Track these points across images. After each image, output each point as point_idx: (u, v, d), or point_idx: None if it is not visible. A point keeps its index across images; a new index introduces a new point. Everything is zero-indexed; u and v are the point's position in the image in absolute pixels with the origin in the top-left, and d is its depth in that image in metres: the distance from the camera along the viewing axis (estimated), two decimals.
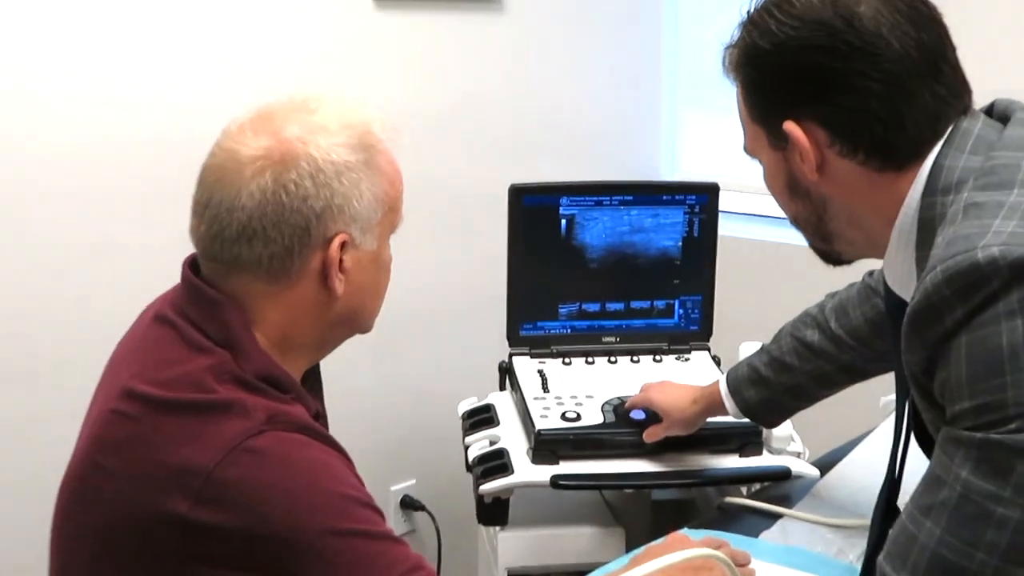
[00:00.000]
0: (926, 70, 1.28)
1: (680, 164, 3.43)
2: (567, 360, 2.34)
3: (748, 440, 2.06)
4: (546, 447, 2.05)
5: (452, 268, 2.93)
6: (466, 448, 2.18)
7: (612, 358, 2.34)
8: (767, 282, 3.08)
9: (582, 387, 2.22)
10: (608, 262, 2.34)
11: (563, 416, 2.10)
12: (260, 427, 1.29)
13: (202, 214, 1.37)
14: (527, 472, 2.03)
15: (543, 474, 2.02)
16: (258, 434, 1.28)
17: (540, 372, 2.28)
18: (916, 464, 1.37)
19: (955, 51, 1.31)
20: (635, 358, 2.35)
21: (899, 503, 1.49)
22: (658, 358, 2.35)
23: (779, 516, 1.86)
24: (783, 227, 3.03)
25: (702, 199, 2.33)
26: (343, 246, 1.38)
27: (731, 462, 2.05)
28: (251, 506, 1.25)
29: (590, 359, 2.34)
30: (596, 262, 2.34)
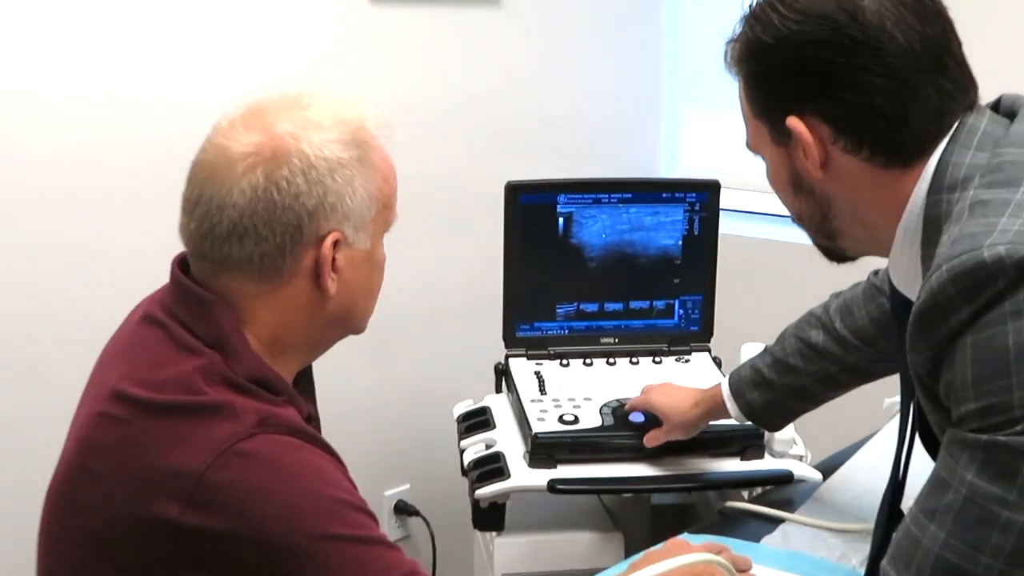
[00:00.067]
0: (931, 65, 1.28)
1: (680, 161, 3.43)
2: (565, 361, 2.34)
3: (749, 443, 2.06)
4: (543, 451, 2.05)
5: (447, 267, 2.93)
6: (461, 452, 2.18)
7: (611, 359, 2.34)
8: (769, 282, 3.08)
9: (580, 389, 2.22)
10: (607, 261, 2.34)
11: (560, 419, 2.10)
12: (251, 430, 1.29)
13: (192, 211, 1.37)
14: (524, 476, 2.03)
15: (540, 478, 2.02)
16: (249, 437, 1.28)
17: (537, 374, 2.28)
18: (920, 467, 1.37)
19: (960, 46, 1.32)
20: (634, 359, 2.35)
21: (903, 506, 1.49)
22: (658, 359, 2.35)
23: (781, 520, 1.87)
24: (785, 225, 3.03)
25: (703, 197, 2.34)
26: (336, 245, 1.38)
27: (732, 466, 2.05)
28: (242, 510, 1.25)
29: (588, 360, 2.34)
30: (594, 261, 2.34)
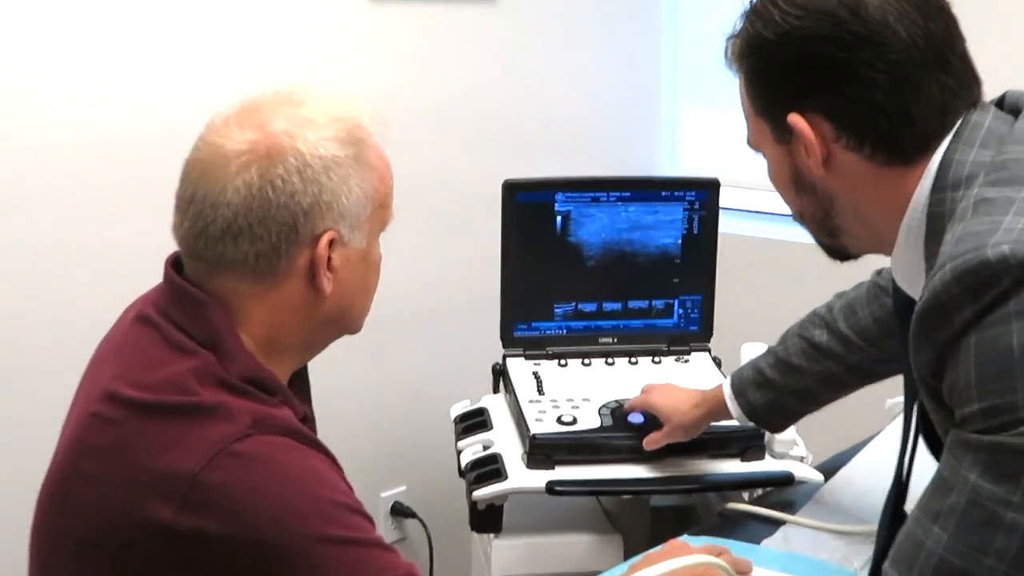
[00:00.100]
0: (933, 61, 1.28)
1: (679, 160, 3.43)
2: (563, 362, 2.33)
3: (750, 444, 2.06)
4: (541, 452, 2.05)
5: (444, 267, 2.93)
6: (459, 453, 2.18)
7: (609, 359, 2.34)
8: (769, 281, 3.08)
9: (578, 390, 2.22)
10: (605, 260, 2.34)
11: (559, 420, 2.10)
12: (245, 431, 1.28)
13: (185, 210, 1.37)
14: (522, 478, 2.03)
15: (538, 480, 2.02)
16: (243, 438, 1.28)
17: (535, 374, 2.28)
18: (924, 468, 1.37)
19: (964, 41, 1.32)
20: (633, 359, 2.35)
21: (907, 508, 1.49)
22: (657, 359, 2.35)
23: (782, 522, 1.87)
24: (786, 224, 3.04)
25: (702, 195, 2.33)
26: (331, 244, 1.37)
27: (732, 467, 2.05)
28: (237, 512, 1.25)
29: (587, 360, 2.34)
30: (593, 260, 2.34)
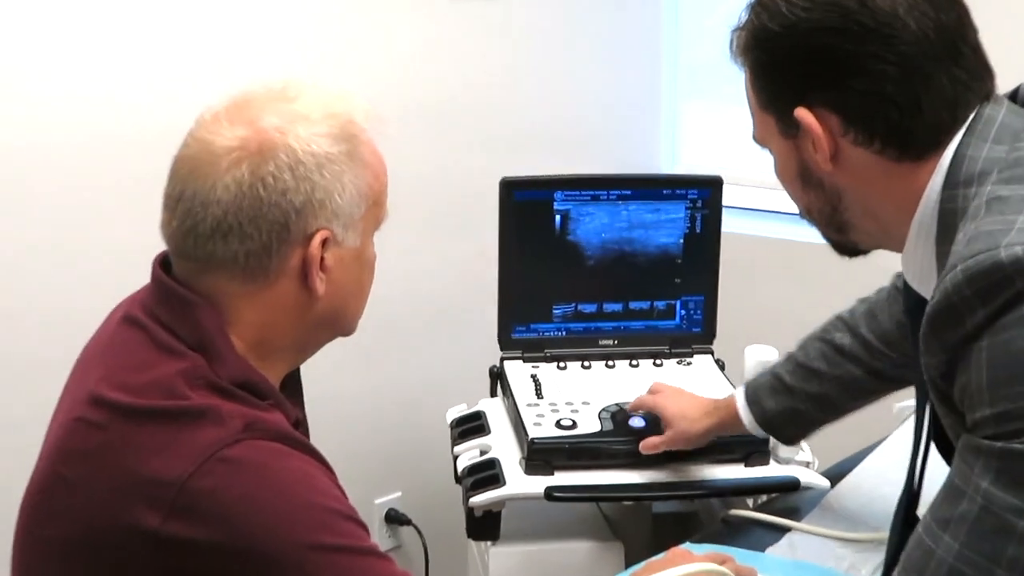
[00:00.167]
0: (945, 52, 1.28)
1: (681, 157, 3.43)
2: (562, 364, 2.33)
3: (754, 449, 2.06)
4: (540, 457, 2.04)
5: (440, 267, 2.93)
6: (455, 458, 2.18)
7: (610, 362, 2.34)
8: (774, 281, 3.08)
9: (578, 393, 2.22)
10: (605, 260, 2.34)
11: (558, 424, 2.10)
12: (236, 436, 1.28)
13: (174, 208, 1.36)
14: (520, 483, 2.03)
15: (537, 485, 2.02)
16: (234, 443, 1.27)
17: (533, 377, 2.28)
18: (936, 472, 1.36)
19: (976, 33, 1.31)
20: (634, 362, 2.34)
21: (919, 512, 1.49)
22: (658, 362, 2.35)
23: (787, 529, 1.87)
24: (790, 223, 3.05)
25: (704, 193, 2.33)
26: (324, 243, 1.37)
27: (736, 472, 2.05)
28: (227, 519, 1.25)
29: (586, 363, 2.34)
30: (592, 260, 2.34)
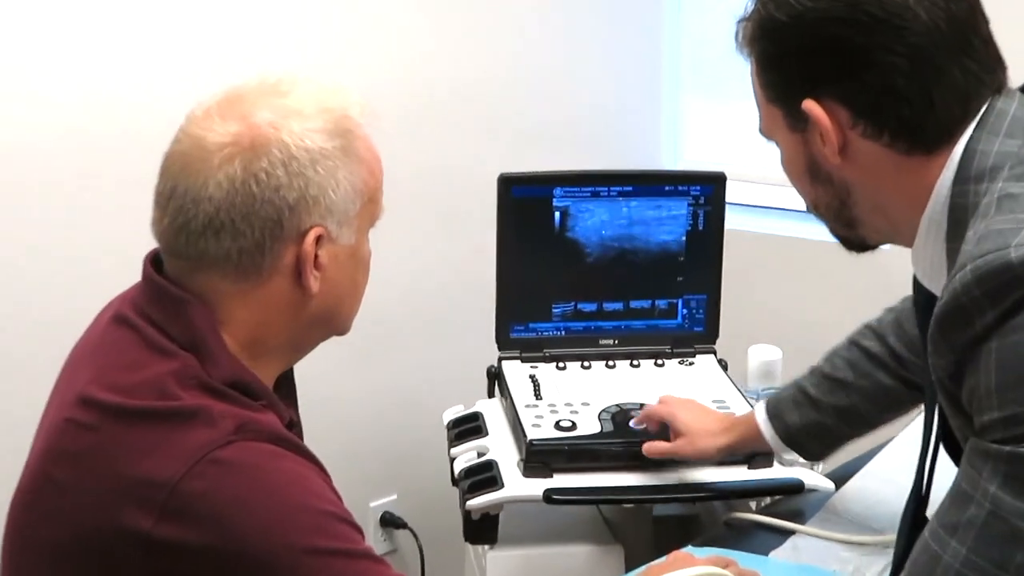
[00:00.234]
0: (956, 44, 1.27)
1: (683, 153, 3.43)
2: (561, 364, 2.33)
3: (758, 451, 2.05)
4: (539, 459, 2.04)
5: (437, 265, 2.93)
6: (452, 460, 2.18)
7: (610, 362, 2.34)
8: (778, 280, 3.08)
9: (577, 394, 2.22)
10: (605, 258, 2.34)
11: (557, 425, 2.10)
12: (228, 437, 1.28)
13: (165, 205, 1.36)
14: (518, 486, 2.03)
15: (535, 488, 2.01)
16: (226, 444, 1.27)
17: (532, 377, 2.28)
18: (945, 472, 1.36)
19: (988, 23, 1.31)
20: (635, 362, 2.34)
21: (928, 514, 1.49)
22: (660, 362, 2.35)
23: (791, 532, 1.87)
24: (795, 220, 3.06)
25: (707, 190, 2.33)
26: (318, 240, 1.37)
27: (739, 474, 2.04)
28: (219, 522, 1.25)
29: (586, 363, 2.34)
30: (592, 258, 2.33)
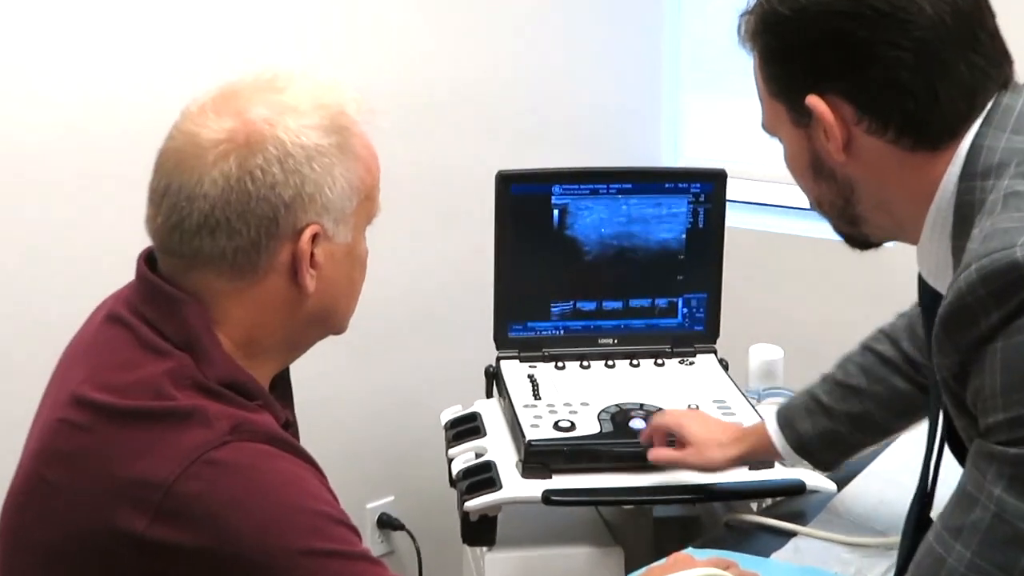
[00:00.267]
0: (962, 38, 1.27)
1: (683, 150, 3.43)
2: (560, 364, 2.33)
3: None
4: (537, 459, 2.04)
5: (434, 263, 2.92)
6: (449, 461, 2.18)
7: (609, 362, 2.34)
8: (779, 278, 3.08)
9: (577, 394, 2.22)
10: (605, 257, 2.34)
11: (556, 425, 2.10)
12: (223, 437, 1.28)
13: (159, 203, 1.36)
14: (516, 487, 2.03)
15: (534, 489, 2.01)
16: (221, 445, 1.27)
17: (530, 377, 2.28)
18: (950, 472, 1.37)
19: (994, 17, 1.31)
20: (635, 362, 2.34)
21: (933, 515, 1.49)
22: (660, 362, 2.35)
23: (792, 534, 1.87)
24: (796, 218, 3.06)
25: (708, 187, 2.33)
26: (314, 238, 1.37)
27: (740, 475, 2.04)
28: (214, 523, 1.25)
29: (585, 363, 2.34)
30: (592, 256, 2.33)
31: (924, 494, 1.53)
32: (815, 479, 2.02)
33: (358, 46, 2.70)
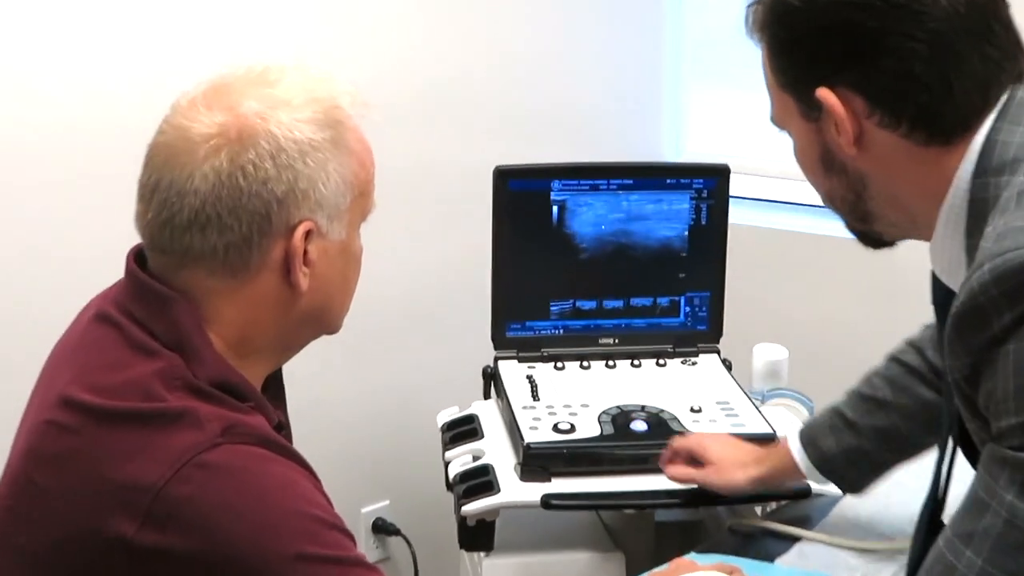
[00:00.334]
0: (976, 30, 1.27)
1: (685, 145, 3.43)
2: (560, 364, 2.33)
3: None
4: (536, 462, 2.04)
5: (431, 261, 2.92)
6: (446, 464, 2.18)
7: (610, 362, 2.34)
8: (784, 276, 3.08)
9: (577, 395, 2.22)
10: (605, 254, 2.34)
11: (555, 427, 2.10)
12: (215, 439, 1.28)
13: (149, 199, 1.36)
14: (515, 491, 2.03)
15: (533, 493, 2.01)
16: (212, 447, 1.27)
17: (529, 378, 2.28)
18: (962, 475, 1.36)
19: (1008, 8, 1.31)
20: (636, 362, 2.34)
21: (944, 518, 1.48)
22: (662, 362, 2.35)
23: (797, 539, 1.87)
24: (801, 214, 3.06)
25: (710, 183, 2.33)
26: (308, 235, 1.37)
27: None
28: (206, 527, 1.25)
29: (585, 363, 2.34)
30: (592, 254, 2.33)
31: (936, 497, 1.53)
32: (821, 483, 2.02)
33: (355, 41, 2.70)
